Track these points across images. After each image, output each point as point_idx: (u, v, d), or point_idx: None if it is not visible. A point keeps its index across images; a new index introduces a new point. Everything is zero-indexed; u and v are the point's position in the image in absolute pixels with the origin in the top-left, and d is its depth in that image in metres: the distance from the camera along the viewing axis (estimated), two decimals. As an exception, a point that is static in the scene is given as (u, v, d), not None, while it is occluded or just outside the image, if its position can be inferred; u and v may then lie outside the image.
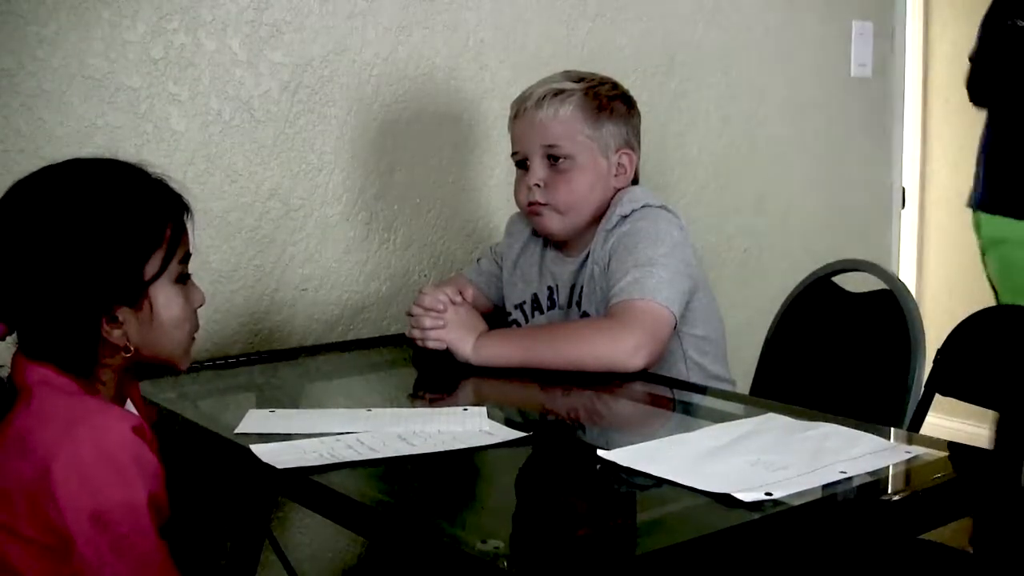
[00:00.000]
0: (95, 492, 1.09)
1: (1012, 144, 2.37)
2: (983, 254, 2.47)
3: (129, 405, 1.28)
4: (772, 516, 1.04)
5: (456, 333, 1.68)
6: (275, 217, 1.94)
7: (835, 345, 2.00)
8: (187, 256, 1.25)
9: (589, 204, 1.77)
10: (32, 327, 1.18)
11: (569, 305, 1.82)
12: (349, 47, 2.00)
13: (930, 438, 1.27)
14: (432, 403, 1.61)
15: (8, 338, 1.21)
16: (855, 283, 2.04)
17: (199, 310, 1.29)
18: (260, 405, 1.54)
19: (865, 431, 1.26)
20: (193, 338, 1.28)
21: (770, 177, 2.78)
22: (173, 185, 1.24)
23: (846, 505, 1.10)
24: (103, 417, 1.14)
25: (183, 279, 1.25)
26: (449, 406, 1.48)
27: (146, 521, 1.11)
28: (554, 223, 1.79)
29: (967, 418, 2.59)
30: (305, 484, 1.17)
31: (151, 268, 1.20)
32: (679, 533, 1.02)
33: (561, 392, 1.59)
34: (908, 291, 1.90)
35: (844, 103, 2.93)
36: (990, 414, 2.47)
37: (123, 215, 1.18)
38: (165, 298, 1.21)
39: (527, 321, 1.87)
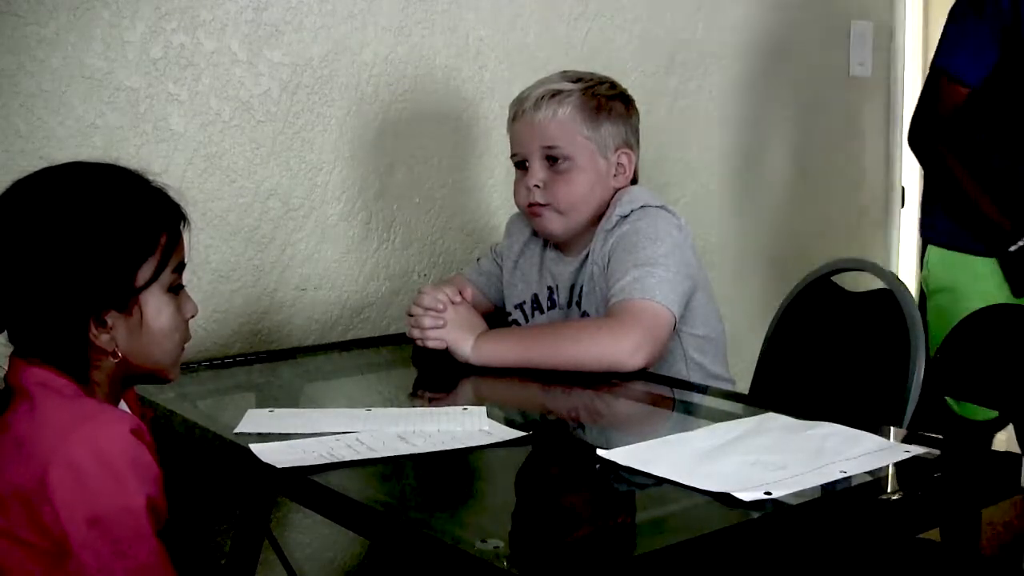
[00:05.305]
0: (92, 496, 1.08)
1: None
2: None
3: (123, 406, 1.27)
4: (771, 516, 1.04)
5: (456, 332, 1.68)
6: (274, 217, 1.94)
7: (835, 345, 1.99)
8: (181, 266, 1.25)
9: (589, 204, 1.77)
10: (20, 325, 1.18)
11: (569, 305, 1.81)
12: (348, 47, 2.00)
13: (930, 438, 1.27)
14: (431, 402, 1.61)
15: (5, 342, 1.21)
16: (855, 283, 2.03)
17: (191, 319, 1.28)
18: (259, 405, 1.54)
19: (865, 431, 1.26)
20: (183, 349, 1.27)
21: (769, 177, 2.78)
22: (172, 195, 1.24)
23: (846, 505, 1.10)
24: (101, 420, 1.13)
25: (176, 289, 1.24)
26: (449, 405, 1.48)
27: (144, 525, 1.11)
28: (554, 224, 1.78)
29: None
30: (305, 484, 1.17)
31: (143, 275, 1.19)
32: (678, 533, 1.02)
33: (561, 392, 1.59)
34: (908, 291, 1.90)
35: (844, 103, 2.93)
36: None
37: (117, 219, 1.18)
38: (156, 306, 1.21)
39: (527, 321, 1.87)
